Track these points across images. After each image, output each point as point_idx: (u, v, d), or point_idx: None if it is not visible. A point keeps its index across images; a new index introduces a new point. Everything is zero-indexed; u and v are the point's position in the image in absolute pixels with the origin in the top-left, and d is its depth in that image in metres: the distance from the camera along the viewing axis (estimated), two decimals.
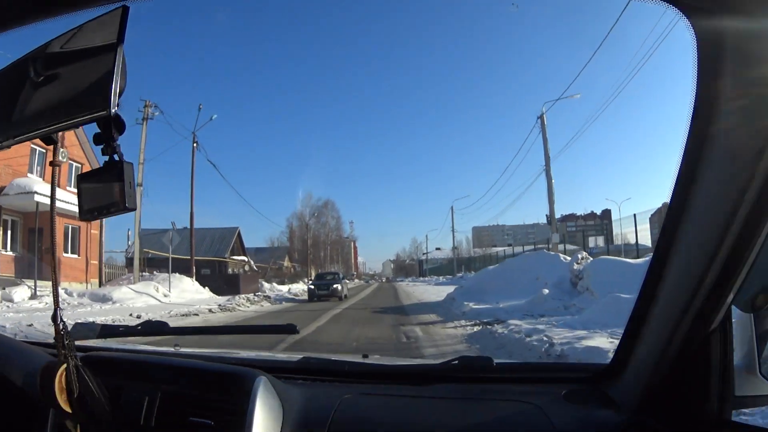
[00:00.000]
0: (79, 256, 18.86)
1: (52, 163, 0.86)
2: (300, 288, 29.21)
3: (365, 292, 29.40)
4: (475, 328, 8.32)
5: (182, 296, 17.16)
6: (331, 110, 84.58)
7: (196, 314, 12.21)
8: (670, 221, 0.81)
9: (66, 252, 18.04)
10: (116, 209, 0.75)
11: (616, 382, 1.02)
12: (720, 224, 0.73)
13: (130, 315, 10.29)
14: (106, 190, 0.76)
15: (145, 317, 8.95)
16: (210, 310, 13.22)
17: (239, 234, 39.80)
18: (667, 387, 0.89)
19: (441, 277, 44.64)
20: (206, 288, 20.14)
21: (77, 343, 0.97)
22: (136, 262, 19.03)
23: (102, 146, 0.76)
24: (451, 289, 22.10)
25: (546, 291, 10.62)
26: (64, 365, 0.86)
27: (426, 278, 52.71)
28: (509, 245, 52.83)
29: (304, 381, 1.16)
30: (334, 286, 20.11)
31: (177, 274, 19.58)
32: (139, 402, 0.97)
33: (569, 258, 12.71)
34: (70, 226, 18.24)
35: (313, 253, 59.80)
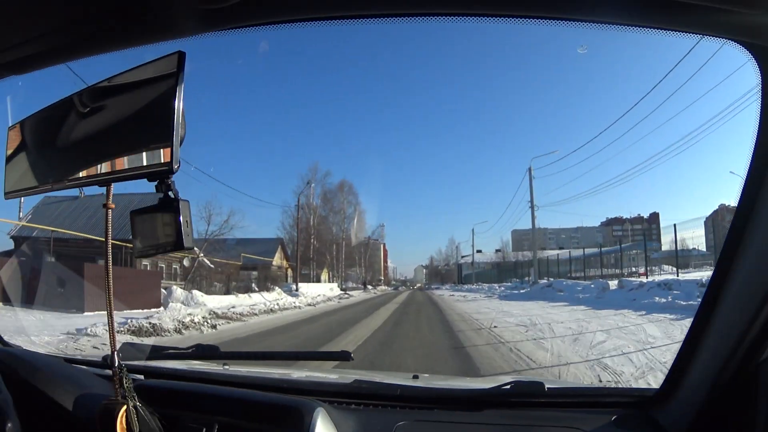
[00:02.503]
0: None
1: (105, 206, 0.86)
2: (269, 301, 18.18)
3: (360, 328, 10.42)
4: None
5: None
6: (353, 95, 69.30)
7: None
8: (726, 252, 0.83)
9: None
10: (172, 248, 0.75)
11: (665, 408, 1.03)
12: None
13: None
14: (161, 228, 0.75)
15: None
16: None
17: None
18: (718, 414, 0.89)
19: (498, 286, 29.69)
20: None
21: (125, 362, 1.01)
22: None
23: (156, 183, 0.75)
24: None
25: None
26: (125, 407, 0.88)
27: (471, 286, 38.69)
28: (561, 248, 46.97)
29: (356, 406, 1.20)
30: None
31: None
32: None
33: None
34: None
35: (316, 245, 43.00)
